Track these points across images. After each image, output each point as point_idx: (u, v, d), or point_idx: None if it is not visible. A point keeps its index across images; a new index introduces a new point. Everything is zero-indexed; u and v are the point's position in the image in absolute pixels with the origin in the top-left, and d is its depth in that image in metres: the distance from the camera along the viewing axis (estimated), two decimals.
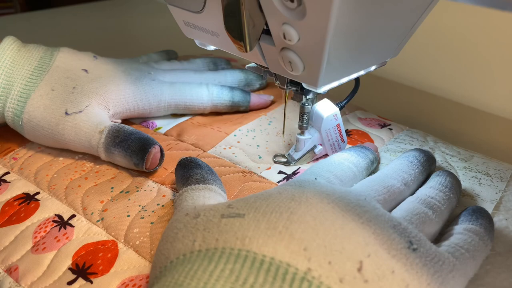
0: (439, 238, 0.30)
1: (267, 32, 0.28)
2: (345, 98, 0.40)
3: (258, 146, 0.41)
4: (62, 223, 0.33)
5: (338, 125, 0.38)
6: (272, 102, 0.48)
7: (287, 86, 0.35)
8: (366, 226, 0.26)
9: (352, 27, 0.26)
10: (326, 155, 0.40)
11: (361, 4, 0.25)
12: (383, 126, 0.44)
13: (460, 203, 0.34)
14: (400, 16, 0.30)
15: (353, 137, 0.42)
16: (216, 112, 0.46)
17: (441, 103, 0.57)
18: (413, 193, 0.33)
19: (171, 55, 0.54)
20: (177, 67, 0.49)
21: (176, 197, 0.31)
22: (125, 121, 0.44)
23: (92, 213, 0.34)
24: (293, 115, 0.45)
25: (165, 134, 0.43)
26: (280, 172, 0.38)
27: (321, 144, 0.38)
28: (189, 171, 0.32)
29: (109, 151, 0.37)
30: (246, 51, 0.29)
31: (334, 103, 0.38)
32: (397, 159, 0.35)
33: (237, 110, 0.46)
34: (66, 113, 0.38)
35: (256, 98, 0.46)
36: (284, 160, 0.39)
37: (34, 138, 0.40)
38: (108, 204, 0.34)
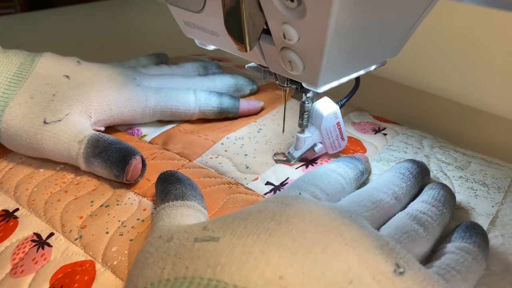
0: (430, 256, 0.29)
1: (267, 31, 0.28)
2: (345, 97, 0.40)
3: (246, 155, 0.39)
4: (40, 242, 0.32)
5: (338, 123, 0.37)
6: (262, 109, 0.46)
7: (287, 84, 0.34)
8: (350, 247, 0.24)
9: (352, 27, 0.26)
10: (326, 153, 0.39)
11: (361, 4, 0.25)
12: (377, 131, 0.43)
13: (455, 217, 0.32)
14: (400, 16, 0.30)
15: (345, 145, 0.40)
16: (204, 119, 0.45)
17: (441, 103, 0.57)
18: (404, 208, 0.31)
19: (161, 59, 0.53)
20: (166, 72, 0.47)
21: (154, 214, 0.30)
22: (110, 128, 0.42)
23: (71, 230, 0.32)
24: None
25: (150, 142, 0.42)
26: (267, 183, 0.36)
27: (321, 143, 0.38)
28: (168, 186, 0.31)
29: (89, 162, 0.35)
30: (246, 51, 0.29)
31: (334, 101, 0.38)
32: (388, 171, 0.34)
33: (225, 116, 0.44)
34: (45, 122, 0.36)
35: (246, 104, 0.45)
36: (284, 158, 0.39)
37: (13, 148, 0.38)
38: (87, 220, 0.33)
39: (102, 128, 0.41)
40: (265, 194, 0.35)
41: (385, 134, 0.42)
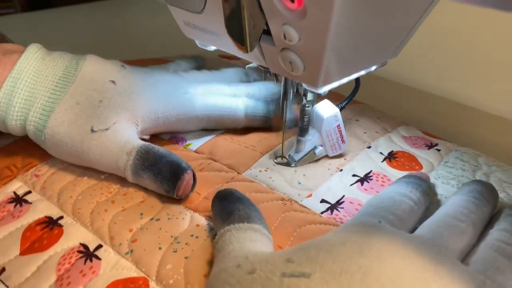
0: None
1: (267, 32, 0.28)
2: (345, 99, 0.40)
3: (295, 171, 0.38)
4: (88, 254, 0.31)
5: (338, 126, 0.37)
6: None
7: (286, 87, 0.35)
8: None
9: (353, 28, 0.26)
10: (326, 156, 0.39)
11: (362, 5, 0.25)
12: (430, 146, 0.41)
13: None
14: (400, 17, 0.30)
15: (400, 161, 0.39)
16: (247, 128, 0.43)
17: (441, 103, 0.57)
18: (479, 234, 0.29)
19: (199, 62, 0.51)
20: (209, 78, 0.46)
21: (218, 237, 0.28)
22: (153, 136, 0.41)
23: (121, 243, 0.31)
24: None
25: (196, 151, 0.40)
26: (322, 201, 0.35)
27: (321, 145, 0.38)
28: (229, 206, 0.29)
29: (138, 174, 0.34)
30: (247, 52, 0.29)
31: (334, 104, 0.38)
32: (459, 195, 0.32)
33: (271, 125, 0.43)
34: (92, 130, 0.35)
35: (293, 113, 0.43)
36: (285, 161, 0.38)
37: (56, 154, 0.37)
38: (138, 233, 0.31)
39: (147, 137, 0.39)
40: (322, 213, 0.33)
41: (438, 150, 0.41)
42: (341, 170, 0.38)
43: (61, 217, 0.33)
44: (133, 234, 0.31)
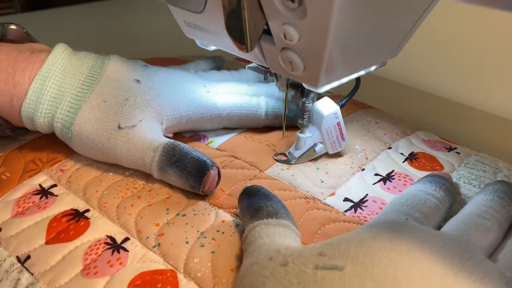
0: None
1: (267, 32, 0.28)
2: (346, 96, 0.41)
3: (318, 168, 0.38)
4: (115, 246, 0.31)
5: (338, 123, 0.38)
6: None
7: (287, 88, 0.35)
8: (480, 284, 0.23)
9: (353, 28, 0.26)
10: (326, 153, 0.39)
11: (362, 5, 0.25)
12: (449, 149, 0.41)
13: None
14: (400, 16, 0.30)
15: (421, 161, 0.39)
16: (267, 127, 0.43)
17: (441, 103, 0.57)
18: (504, 234, 0.29)
19: (218, 62, 0.52)
20: (228, 78, 0.46)
21: (247, 231, 0.28)
22: (176, 135, 0.41)
23: (148, 237, 0.31)
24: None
25: (218, 149, 0.41)
26: (345, 199, 0.35)
27: (321, 142, 0.38)
28: (258, 202, 0.30)
29: (164, 170, 0.34)
30: (247, 51, 0.29)
31: (334, 102, 0.38)
32: (483, 194, 0.32)
33: (292, 124, 0.43)
34: (119, 127, 0.36)
35: None
36: (285, 158, 0.39)
37: (82, 151, 0.37)
38: (164, 228, 0.32)
39: (171, 135, 0.40)
40: (345, 211, 0.34)
41: (458, 153, 0.41)
42: (363, 169, 0.38)
43: (87, 210, 0.34)
44: (160, 228, 0.32)
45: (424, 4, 0.30)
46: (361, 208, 0.34)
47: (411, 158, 0.39)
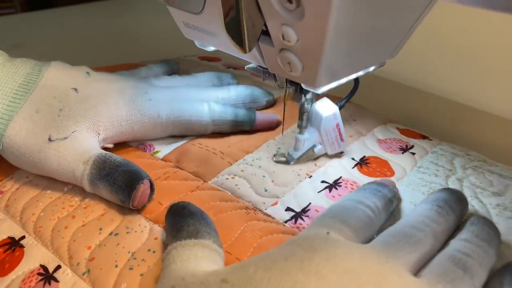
0: None
1: (266, 33, 0.28)
2: (345, 98, 0.40)
3: (264, 176, 0.37)
4: (46, 276, 0.30)
5: (337, 124, 0.37)
6: (279, 122, 0.43)
7: (286, 86, 0.34)
8: None
9: (351, 28, 0.26)
10: (325, 154, 0.39)
11: (360, 5, 0.25)
12: (404, 149, 0.40)
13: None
14: (399, 17, 0.30)
15: (371, 166, 0.38)
16: (218, 133, 0.42)
17: (441, 103, 0.56)
18: (442, 245, 0.28)
19: (172, 66, 0.50)
20: (178, 83, 0.45)
21: (165, 253, 0.27)
22: (121, 144, 0.40)
23: (78, 263, 0.30)
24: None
25: (163, 159, 0.39)
26: (287, 209, 0.34)
27: (320, 144, 0.38)
28: (180, 221, 0.29)
29: (94, 184, 0.33)
30: (245, 52, 0.29)
31: (333, 103, 0.37)
32: (423, 204, 0.31)
33: (241, 129, 0.42)
34: (49, 139, 0.34)
35: (262, 117, 0.42)
36: (284, 159, 0.38)
37: (16, 164, 0.36)
38: (96, 251, 0.31)
39: (111, 145, 0.38)
40: (285, 221, 0.33)
41: (413, 153, 0.39)
42: (311, 176, 0.37)
43: (23, 237, 0.33)
44: (91, 252, 0.31)
45: (423, 4, 0.30)
46: (302, 218, 0.33)
47: (362, 163, 0.38)
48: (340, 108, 0.38)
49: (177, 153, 0.40)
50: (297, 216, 0.33)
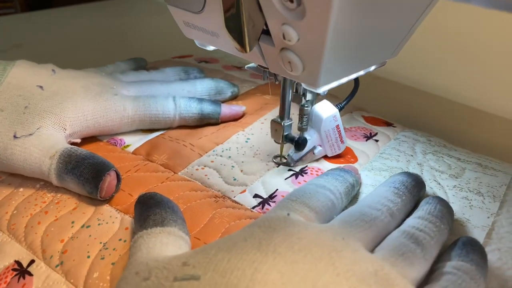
0: (428, 276, 0.28)
1: (266, 32, 0.28)
2: (345, 99, 0.40)
3: (233, 167, 0.38)
4: (21, 271, 0.30)
5: (337, 126, 0.38)
6: (244, 114, 0.44)
7: (287, 89, 0.35)
8: (342, 278, 0.23)
9: (352, 28, 0.26)
10: (325, 156, 0.39)
11: (361, 5, 0.25)
12: (368, 137, 0.41)
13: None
14: (399, 16, 0.30)
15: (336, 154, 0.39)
16: (190, 126, 0.43)
17: (441, 103, 0.57)
18: (399, 225, 0.30)
19: (139, 63, 0.51)
20: (145, 78, 0.45)
21: (132, 242, 0.28)
22: (91, 138, 0.41)
23: (52, 256, 0.31)
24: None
25: (134, 152, 0.40)
26: (255, 195, 0.35)
27: (320, 145, 0.38)
28: (147, 210, 0.29)
29: (62, 178, 0.34)
30: (246, 52, 0.29)
31: (333, 104, 0.38)
32: (381, 186, 0.32)
33: (207, 122, 0.43)
34: (15, 137, 0.35)
35: (227, 110, 0.43)
36: (284, 161, 0.38)
37: None
38: (69, 243, 0.31)
39: (78, 140, 0.39)
40: (253, 207, 0.34)
41: (376, 141, 0.41)
42: (278, 166, 0.38)
43: None
44: (64, 245, 0.31)
45: (424, 4, 0.30)
46: (269, 204, 0.34)
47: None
48: (340, 110, 0.38)
49: (147, 147, 0.40)
50: (264, 202, 0.34)
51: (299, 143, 0.36)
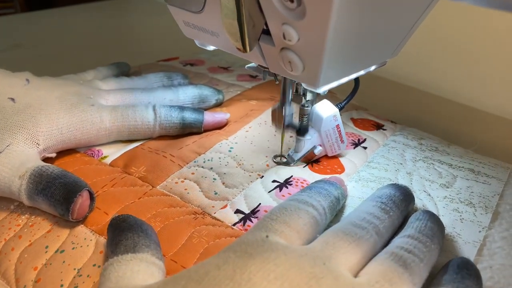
0: None
1: (267, 32, 0.28)
2: (345, 99, 0.40)
3: (214, 179, 0.36)
4: None
5: (337, 126, 0.37)
6: (228, 121, 0.43)
7: (286, 90, 0.34)
8: None
9: (352, 27, 0.26)
10: (325, 156, 0.38)
11: (361, 5, 0.25)
12: (357, 144, 0.40)
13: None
14: (400, 16, 0.30)
15: (322, 164, 0.38)
16: (173, 136, 0.41)
17: (441, 103, 0.57)
18: (387, 243, 0.28)
19: (122, 68, 0.48)
20: (126, 85, 0.43)
21: (102, 269, 0.27)
22: (69, 150, 0.39)
23: (25, 286, 0.29)
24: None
25: (111, 164, 0.38)
26: (237, 211, 0.33)
27: (320, 145, 0.38)
28: (119, 235, 0.28)
29: (33, 199, 0.32)
30: (246, 51, 0.29)
31: (333, 104, 0.37)
32: (367, 200, 0.30)
33: (189, 131, 0.41)
34: None
35: (211, 117, 0.41)
36: (284, 161, 0.38)
37: None
38: (42, 271, 0.30)
39: (53, 155, 0.37)
40: (234, 224, 0.32)
41: (365, 148, 0.39)
42: (262, 176, 0.37)
43: None
44: (38, 273, 0.30)
45: (424, 4, 0.30)
46: (251, 220, 0.33)
47: (313, 161, 0.38)
48: (340, 109, 0.38)
49: (125, 158, 0.39)
50: (246, 218, 0.33)
51: (300, 130, 0.36)
